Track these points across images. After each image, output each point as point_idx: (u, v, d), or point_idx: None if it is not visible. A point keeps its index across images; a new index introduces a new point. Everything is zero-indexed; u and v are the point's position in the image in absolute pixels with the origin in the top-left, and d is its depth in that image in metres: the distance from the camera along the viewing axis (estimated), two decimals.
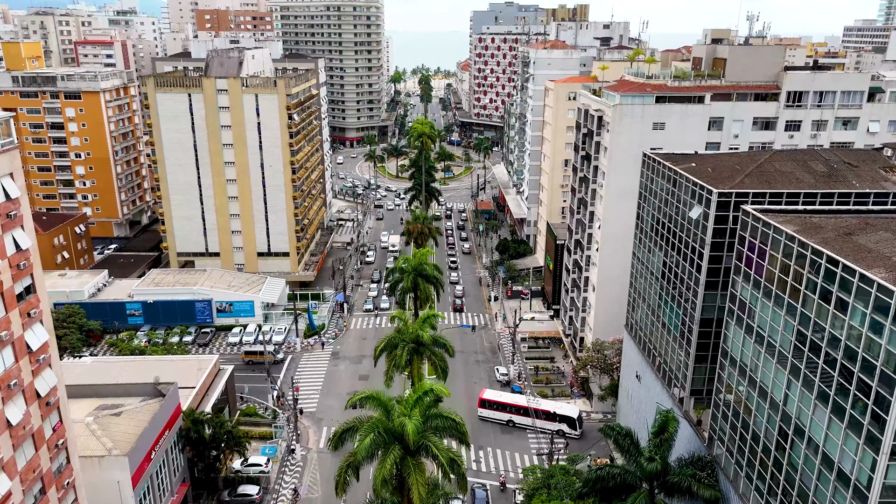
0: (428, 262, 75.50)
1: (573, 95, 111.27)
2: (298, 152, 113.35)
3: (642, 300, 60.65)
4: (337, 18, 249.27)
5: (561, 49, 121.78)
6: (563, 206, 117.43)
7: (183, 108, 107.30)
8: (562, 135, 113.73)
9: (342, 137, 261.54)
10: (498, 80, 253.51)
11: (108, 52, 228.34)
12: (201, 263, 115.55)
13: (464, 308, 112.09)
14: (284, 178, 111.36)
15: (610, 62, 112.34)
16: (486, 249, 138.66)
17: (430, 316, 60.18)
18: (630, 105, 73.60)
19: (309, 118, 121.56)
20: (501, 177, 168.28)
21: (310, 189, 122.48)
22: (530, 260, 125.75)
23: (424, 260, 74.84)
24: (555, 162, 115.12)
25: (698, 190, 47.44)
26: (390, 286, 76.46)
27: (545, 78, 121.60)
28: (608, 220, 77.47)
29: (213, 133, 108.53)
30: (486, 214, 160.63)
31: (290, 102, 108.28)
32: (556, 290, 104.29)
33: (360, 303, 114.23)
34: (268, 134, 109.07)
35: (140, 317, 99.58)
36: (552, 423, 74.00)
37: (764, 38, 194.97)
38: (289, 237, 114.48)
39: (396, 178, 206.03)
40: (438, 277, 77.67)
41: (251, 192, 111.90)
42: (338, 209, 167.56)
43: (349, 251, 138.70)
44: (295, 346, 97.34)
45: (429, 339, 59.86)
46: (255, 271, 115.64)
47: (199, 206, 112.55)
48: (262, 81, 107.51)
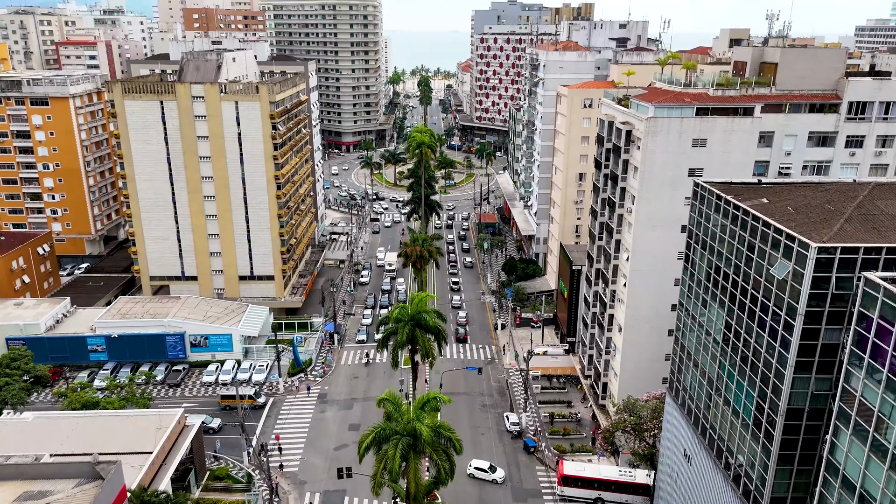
0: (428, 310, 64.01)
1: (589, 102, 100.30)
2: (284, 165, 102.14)
3: (694, 364, 49.47)
4: (332, 18, 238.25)
5: (574, 51, 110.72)
6: (578, 223, 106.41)
7: (154, 116, 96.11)
8: (576, 146, 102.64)
9: (338, 142, 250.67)
10: (501, 83, 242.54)
11: (91, 52, 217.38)
12: (177, 289, 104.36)
13: (468, 338, 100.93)
14: (268, 194, 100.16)
15: (631, 65, 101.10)
16: (490, 268, 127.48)
17: (431, 399, 48.13)
18: (666, 118, 62.47)
19: (297, 127, 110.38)
20: (506, 187, 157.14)
21: (297, 205, 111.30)
22: (540, 282, 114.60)
23: (424, 307, 63.50)
24: (568, 176, 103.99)
25: (784, 240, 36.30)
26: (382, 338, 64.63)
27: (557, 83, 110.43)
28: (639, 251, 66.35)
29: (189, 145, 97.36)
30: (489, 228, 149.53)
31: (274, 111, 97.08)
32: (571, 320, 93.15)
33: (352, 331, 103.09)
34: (249, 146, 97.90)
35: (103, 353, 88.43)
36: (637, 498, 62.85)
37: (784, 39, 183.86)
38: (273, 259, 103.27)
39: (395, 187, 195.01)
40: (441, 328, 65.53)
41: (231, 209, 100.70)
42: (331, 221, 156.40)
43: (343, 269, 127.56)
44: (277, 386, 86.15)
45: (428, 436, 46.30)
46: (237, 297, 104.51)
47: (174, 226, 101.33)
48: (243, 87, 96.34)
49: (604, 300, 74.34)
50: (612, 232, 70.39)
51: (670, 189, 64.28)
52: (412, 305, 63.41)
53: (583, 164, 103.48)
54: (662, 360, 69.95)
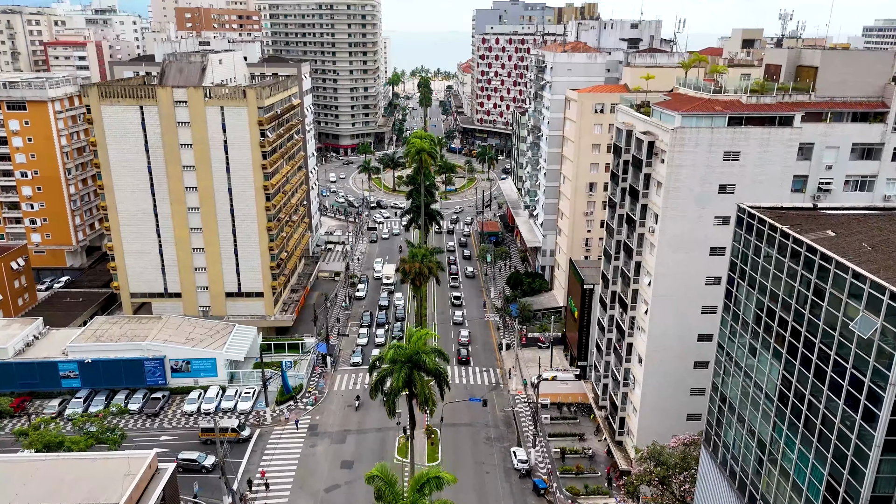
0: (428, 349, 56.77)
1: (601, 108, 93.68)
2: (274, 175, 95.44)
3: (738, 420, 42.70)
4: (330, 18, 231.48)
5: (583, 52, 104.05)
6: (588, 236, 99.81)
7: (134, 123, 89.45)
8: (586, 154, 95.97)
9: (335, 145, 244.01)
10: (503, 84, 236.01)
11: (80, 53, 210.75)
12: (159, 306, 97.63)
13: (470, 359, 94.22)
14: (256, 205, 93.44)
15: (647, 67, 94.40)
16: (493, 281, 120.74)
17: (432, 478, 40.99)
18: (695, 129, 55.75)
19: (288, 133, 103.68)
20: (510, 194, 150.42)
21: (289, 216, 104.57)
22: (547, 298, 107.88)
23: (422, 346, 56.40)
24: (577, 186, 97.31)
25: (868, 288, 29.60)
26: (375, 382, 57.12)
27: (565, 86, 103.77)
28: (662, 276, 59.64)
29: (171, 153, 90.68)
30: (492, 237, 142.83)
31: (263, 116, 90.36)
32: (582, 342, 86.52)
33: (346, 352, 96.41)
34: (236, 154, 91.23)
35: (76, 379, 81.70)
36: None
37: (798, 39, 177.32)
38: (262, 275, 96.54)
39: (393, 192, 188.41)
40: (442, 371, 57.63)
41: (217, 222, 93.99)
42: (327, 230, 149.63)
43: (338, 282, 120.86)
44: (264, 416, 79.41)
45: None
46: (224, 315, 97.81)
47: (156, 240, 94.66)
48: (229, 91, 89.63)
49: (621, 327, 67.61)
50: (632, 252, 63.65)
51: (698, 207, 57.62)
52: (409, 343, 56.48)
53: (594, 174, 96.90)
54: (687, 394, 63.41)
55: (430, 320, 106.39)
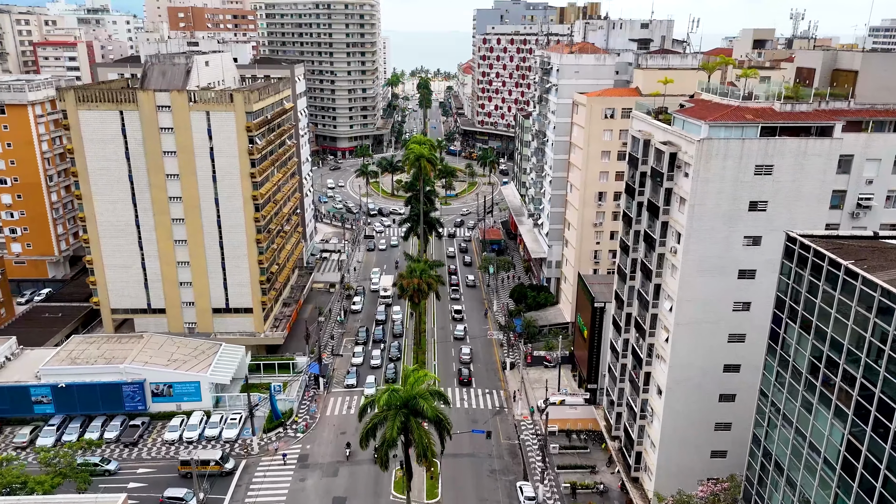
0: (425, 393, 50.53)
1: (611, 113, 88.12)
2: (264, 183, 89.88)
3: (787, 483, 37.13)
4: (327, 17, 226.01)
5: (591, 53, 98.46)
6: (597, 248, 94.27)
7: (113, 129, 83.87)
8: (596, 162, 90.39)
9: (333, 147, 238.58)
10: (504, 85, 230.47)
11: (70, 54, 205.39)
12: (142, 323, 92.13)
13: (472, 380, 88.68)
14: (245, 216, 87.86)
15: (660, 70, 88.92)
16: (496, 294, 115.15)
17: None
18: (724, 140, 50.17)
19: (279, 138, 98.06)
20: (512, 200, 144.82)
21: (280, 226, 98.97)
22: (553, 312, 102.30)
23: (420, 389, 50.32)
24: (586, 196, 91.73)
25: None
26: (365, 431, 50.40)
27: (572, 89, 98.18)
28: (686, 301, 54.05)
29: (154, 161, 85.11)
30: (494, 245, 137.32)
31: (252, 122, 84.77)
32: (592, 363, 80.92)
33: (341, 372, 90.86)
34: (223, 162, 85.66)
35: (50, 404, 76.11)
36: None
37: (810, 39, 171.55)
38: (251, 290, 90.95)
39: (392, 197, 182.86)
40: (443, 417, 50.95)
41: (203, 234, 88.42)
42: (322, 238, 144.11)
43: (333, 293, 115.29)
44: (251, 444, 73.81)
45: None
46: (211, 332, 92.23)
47: (138, 253, 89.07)
48: (215, 95, 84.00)
49: (638, 353, 62.01)
50: (651, 274, 58.05)
51: (726, 226, 52.05)
52: (405, 386, 50.57)
53: (603, 183, 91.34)
54: (711, 429, 57.91)
55: (429, 336, 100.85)
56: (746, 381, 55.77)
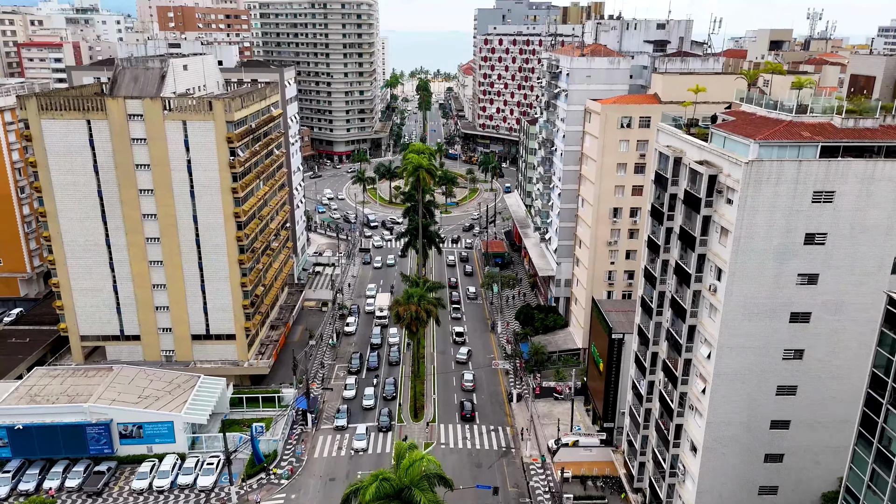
0: (422, 484, 42.07)
1: (627, 122, 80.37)
2: (247, 199, 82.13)
3: None
4: (323, 17, 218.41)
5: (604, 56, 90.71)
6: (611, 269, 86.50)
7: (80, 140, 76.14)
8: (610, 175, 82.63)
9: (329, 152, 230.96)
10: (506, 87, 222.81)
11: (56, 55, 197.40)
12: (115, 350, 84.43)
13: (475, 415, 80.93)
14: (226, 235, 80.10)
15: (680, 74, 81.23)
16: (501, 313, 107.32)
17: None
18: (776, 162, 42.40)
19: (266, 148, 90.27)
20: (516, 210, 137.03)
21: (267, 244, 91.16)
22: (563, 336, 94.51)
23: (415, 473, 42.17)
24: (600, 212, 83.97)
25: None
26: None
27: (584, 95, 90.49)
28: (728, 348, 46.30)
29: (126, 175, 77.39)
30: (497, 258, 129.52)
31: (233, 132, 76.98)
32: (609, 399, 73.22)
33: (332, 403, 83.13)
34: (202, 176, 77.92)
35: (6, 447, 68.32)
36: None
37: (828, 41, 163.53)
38: (234, 315, 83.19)
39: (390, 204, 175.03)
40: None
41: (181, 255, 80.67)
42: (316, 250, 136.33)
43: (326, 312, 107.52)
44: (229, 494, 65.93)
45: None
46: (190, 360, 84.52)
47: (110, 275, 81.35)
48: (193, 103, 76.20)
49: (667, 402, 54.23)
50: (684, 313, 50.26)
51: (777, 262, 44.34)
52: (398, 471, 42.53)
53: (619, 198, 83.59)
54: (755, 493, 50.17)
55: (428, 361, 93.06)
56: (797, 440, 48.12)
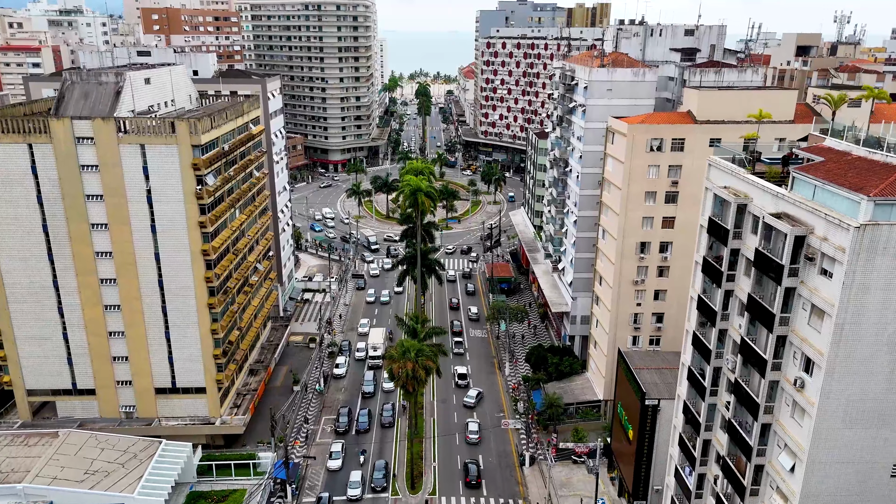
0: None
1: (658, 144, 69.47)
2: (219, 232, 71.21)
3: None
4: (317, 20, 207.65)
5: (628, 67, 79.81)
6: (637, 311, 75.51)
7: (21, 166, 65.16)
8: (637, 205, 71.64)
9: (324, 160, 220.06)
10: (510, 93, 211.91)
11: (34, 60, 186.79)
12: (67, 406, 73.51)
13: (481, 481, 70.01)
14: (194, 276, 69.11)
15: (715, 88, 70.29)
16: (507, 349, 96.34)
17: None
18: None
19: (243, 171, 79.29)
20: (524, 230, 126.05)
21: (244, 279, 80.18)
22: (581, 384, 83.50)
23: None
24: (624, 247, 72.97)
25: None
26: None
27: (603, 111, 79.66)
28: (822, 463, 35.32)
29: (75, 207, 66.44)
30: (503, 284, 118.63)
31: (200, 158, 66.00)
32: (640, 473, 62.24)
33: (315, 470, 72.16)
34: (164, 208, 66.94)
35: None
36: None
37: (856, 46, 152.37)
38: (204, 365, 72.20)
39: (387, 220, 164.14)
40: None
41: (141, 298, 69.73)
42: (306, 274, 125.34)
43: (314, 349, 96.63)
44: None
45: None
46: (154, 417, 73.60)
47: (59, 321, 70.38)
48: (153, 124, 65.16)
49: None
50: (756, 408, 39.23)
51: (891, 356, 33.38)
52: None
53: (647, 231, 72.59)
54: None
55: (427, 412, 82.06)
56: None
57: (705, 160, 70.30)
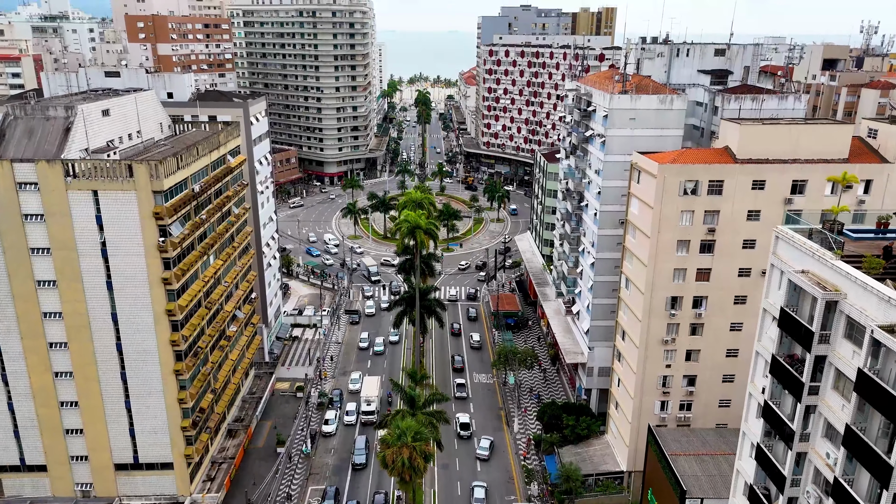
0: None
1: (692, 187, 60.17)
2: (187, 287, 62.01)
3: None
4: (312, 27, 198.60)
5: (654, 94, 70.56)
6: (667, 373, 66.16)
7: None
8: (668, 255, 62.37)
9: (320, 173, 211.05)
10: (513, 103, 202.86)
11: (13, 69, 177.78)
12: (15, 484, 64.45)
13: None
14: (158, 338, 59.92)
15: (758, 121, 60.96)
16: (517, 402, 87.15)
17: None
18: None
19: (219, 211, 70.04)
20: (531, 259, 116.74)
21: (220, 333, 70.94)
22: (600, 450, 74.16)
23: None
24: (653, 302, 63.69)
25: None
26: None
27: (627, 143, 70.59)
28: None
29: (18, 262, 57.28)
30: (509, 319, 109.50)
31: (164, 206, 56.79)
32: None
33: None
34: (122, 263, 57.79)
35: None
36: None
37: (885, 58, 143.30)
38: (171, 439, 63.02)
39: (385, 240, 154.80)
40: None
41: (97, 364, 60.57)
42: (296, 304, 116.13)
43: (301, 398, 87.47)
44: None
45: None
46: (114, 496, 64.50)
47: (3, 389, 61.29)
48: (108, 167, 55.89)
49: None
50: None
51: None
52: None
53: (678, 284, 63.32)
54: None
55: (427, 483, 72.70)
56: None
57: (746, 205, 61.94)
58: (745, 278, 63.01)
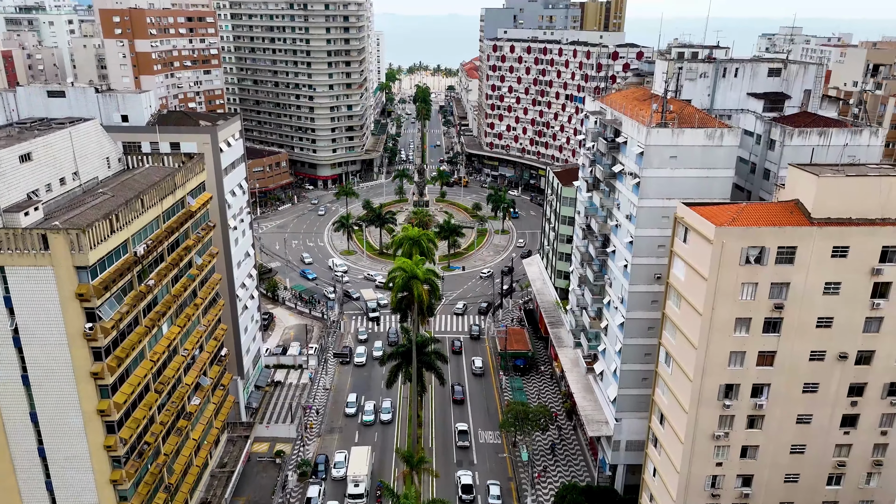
0: None
1: (756, 255, 47.97)
2: (127, 376, 49.97)
3: None
4: (304, 20, 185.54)
5: (700, 127, 58.21)
6: (717, 472, 54.39)
7: None
8: (724, 335, 50.28)
9: (313, 176, 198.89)
10: (518, 102, 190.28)
11: None
12: None
13: None
14: (89, 443, 48.06)
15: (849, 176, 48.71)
16: (530, 480, 75.53)
17: None
18: None
19: (175, 268, 57.81)
20: (541, 289, 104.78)
21: (175, 416, 58.96)
22: None
23: None
24: (704, 390, 51.73)
25: None
26: None
27: (666, 185, 58.49)
28: None
29: None
30: (518, 360, 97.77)
31: (90, 284, 44.62)
32: None
33: None
34: (40, 354, 45.77)
35: None
36: None
37: None
38: None
39: (380, 257, 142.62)
40: None
41: (15, 473, 48.75)
42: (280, 339, 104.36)
43: (282, 463, 75.92)
44: None
45: None
46: None
47: None
48: (15, 237, 43.68)
49: None
50: None
51: None
52: None
53: (734, 369, 51.36)
54: None
55: None
56: None
57: (823, 276, 49.77)
58: (817, 362, 51.17)
